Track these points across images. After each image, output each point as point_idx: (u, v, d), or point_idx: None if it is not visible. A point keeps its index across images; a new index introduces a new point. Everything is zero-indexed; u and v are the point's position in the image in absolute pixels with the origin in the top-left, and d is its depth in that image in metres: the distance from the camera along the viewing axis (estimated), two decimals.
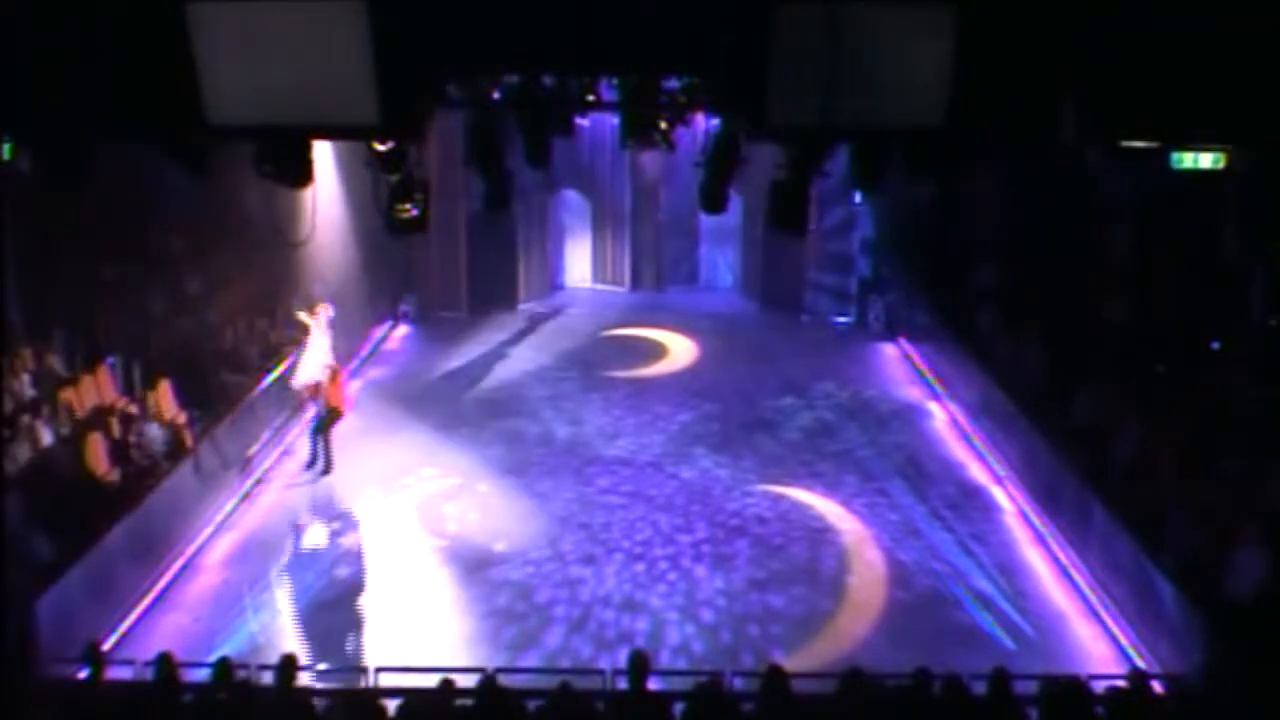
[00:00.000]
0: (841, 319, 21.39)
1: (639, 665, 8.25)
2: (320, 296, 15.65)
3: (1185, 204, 12.82)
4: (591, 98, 11.31)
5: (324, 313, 14.76)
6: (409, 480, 14.36)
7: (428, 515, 13.50)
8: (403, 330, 20.78)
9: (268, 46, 6.44)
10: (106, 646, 10.18)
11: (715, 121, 11.42)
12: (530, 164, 11.68)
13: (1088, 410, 13.23)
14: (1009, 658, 10.05)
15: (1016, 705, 8.22)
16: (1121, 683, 8.71)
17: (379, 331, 20.26)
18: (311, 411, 14.85)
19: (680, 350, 19.96)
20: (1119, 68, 6.69)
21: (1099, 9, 6.60)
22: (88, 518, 11.02)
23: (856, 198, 20.37)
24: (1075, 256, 15.28)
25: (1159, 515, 11.10)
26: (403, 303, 20.88)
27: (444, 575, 12.14)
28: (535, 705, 8.24)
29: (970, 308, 17.05)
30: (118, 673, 9.09)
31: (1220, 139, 7.75)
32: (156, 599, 11.55)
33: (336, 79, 6.48)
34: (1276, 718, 8.54)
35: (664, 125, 11.95)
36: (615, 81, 10.63)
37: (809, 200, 9.74)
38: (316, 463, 14.40)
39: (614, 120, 13.52)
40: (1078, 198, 14.45)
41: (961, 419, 16.38)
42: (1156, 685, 9.06)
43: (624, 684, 8.40)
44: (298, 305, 15.54)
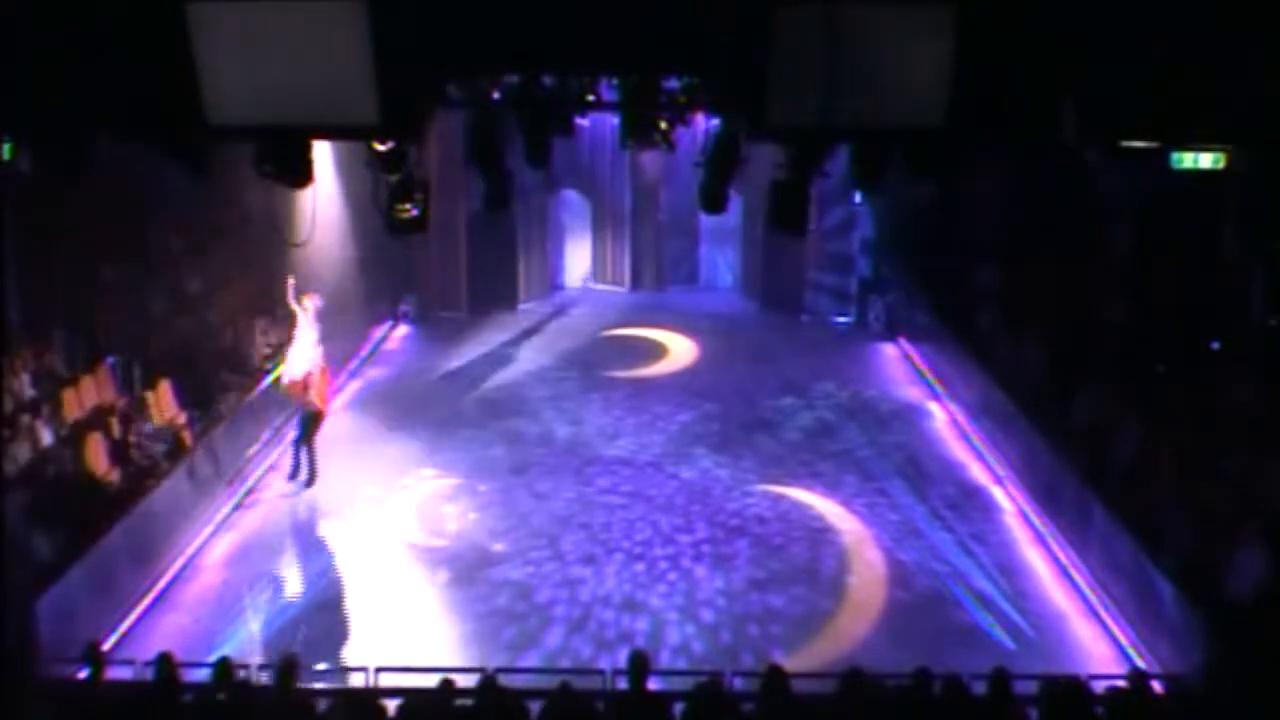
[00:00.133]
0: (841, 319, 21.38)
1: (639, 665, 8.25)
2: (307, 288, 14.72)
3: (1185, 204, 12.79)
4: (591, 98, 11.31)
5: (312, 303, 14.10)
6: (409, 480, 14.36)
7: (428, 515, 13.51)
8: (403, 330, 20.76)
9: (268, 46, 6.44)
10: (106, 646, 10.18)
11: (715, 121, 11.42)
12: (530, 164, 11.68)
13: (1088, 410, 13.23)
14: (1009, 658, 10.05)
15: (1016, 705, 8.22)
16: (1121, 683, 8.72)
17: (379, 331, 20.26)
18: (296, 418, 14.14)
19: (680, 350, 19.95)
20: (1119, 68, 6.69)
21: (1099, 9, 6.60)
22: (88, 518, 11.03)
23: (856, 198, 20.36)
24: (1075, 256, 15.26)
25: (1159, 515, 11.10)
26: (403, 303, 20.84)
27: (444, 575, 12.14)
28: (535, 705, 8.25)
29: (970, 308, 17.04)
30: (118, 673, 9.08)
31: (1220, 139, 7.73)
32: (156, 599, 11.54)
33: (336, 79, 6.48)
34: (1276, 718, 8.55)
35: (664, 125, 11.95)
36: (615, 81, 10.63)
37: (809, 200, 9.74)
38: (300, 473, 13.91)
39: (614, 120, 13.51)
40: (1078, 198, 14.43)
41: (961, 419, 16.38)
42: (1156, 685, 9.06)
43: (624, 684, 8.40)
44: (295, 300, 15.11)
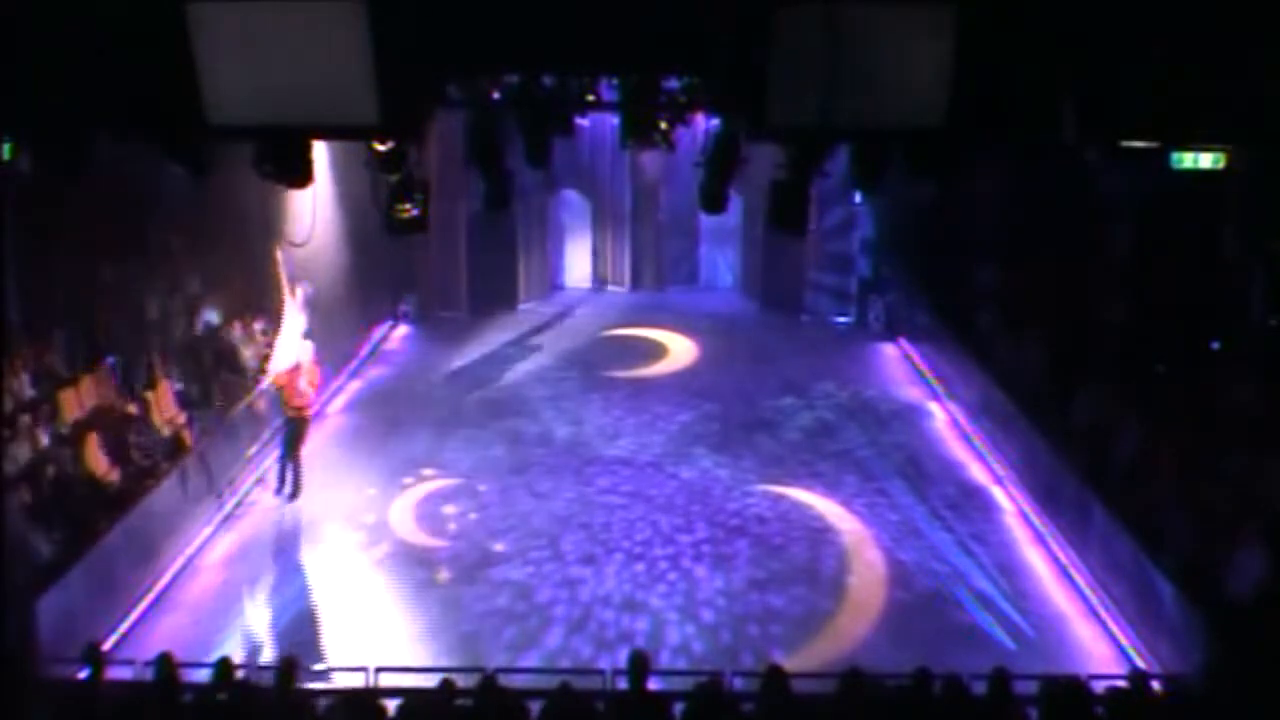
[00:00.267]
0: (841, 319, 21.37)
1: (639, 665, 8.25)
2: (294, 278, 14.22)
3: (1185, 204, 12.79)
4: (591, 98, 11.30)
5: (301, 290, 13.67)
6: (409, 480, 14.37)
7: (428, 515, 13.51)
8: (403, 330, 20.74)
9: (268, 46, 6.45)
10: (106, 646, 10.18)
11: (715, 121, 11.41)
12: (530, 164, 11.66)
13: (1088, 410, 13.23)
14: (1009, 658, 10.04)
15: (1016, 705, 8.23)
16: (1121, 683, 8.73)
17: (379, 331, 20.26)
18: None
19: (680, 350, 19.94)
20: (1119, 68, 6.70)
21: (1099, 9, 6.60)
22: (88, 518, 11.03)
23: (856, 198, 20.34)
24: (1075, 256, 15.26)
25: (1159, 515, 11.10)
26: (403, 303, 20.83)
27: (444, 575, 12.13)
28: (535, 705, 8.25)
29: (970, 308, 17.04)
30: (118, 673, 9.09)
31: (1220, 139, 7.74)
32: (156, 599, 11.54)
33: (336, 79, 6.49)
34: (1276, 718, 8.55)
35: (664, 125, 11.94)
36: (615, 81, 10.63)
37: (809, 200, 9.74)
38: (285, 485, 13.54)
39: (614, 120, 13.49)
40: (1078, 198, 14.42)
41: (961, 419, 16.37)
42: (1156, 685, 9.06)
43: (624, 684, 8.41)
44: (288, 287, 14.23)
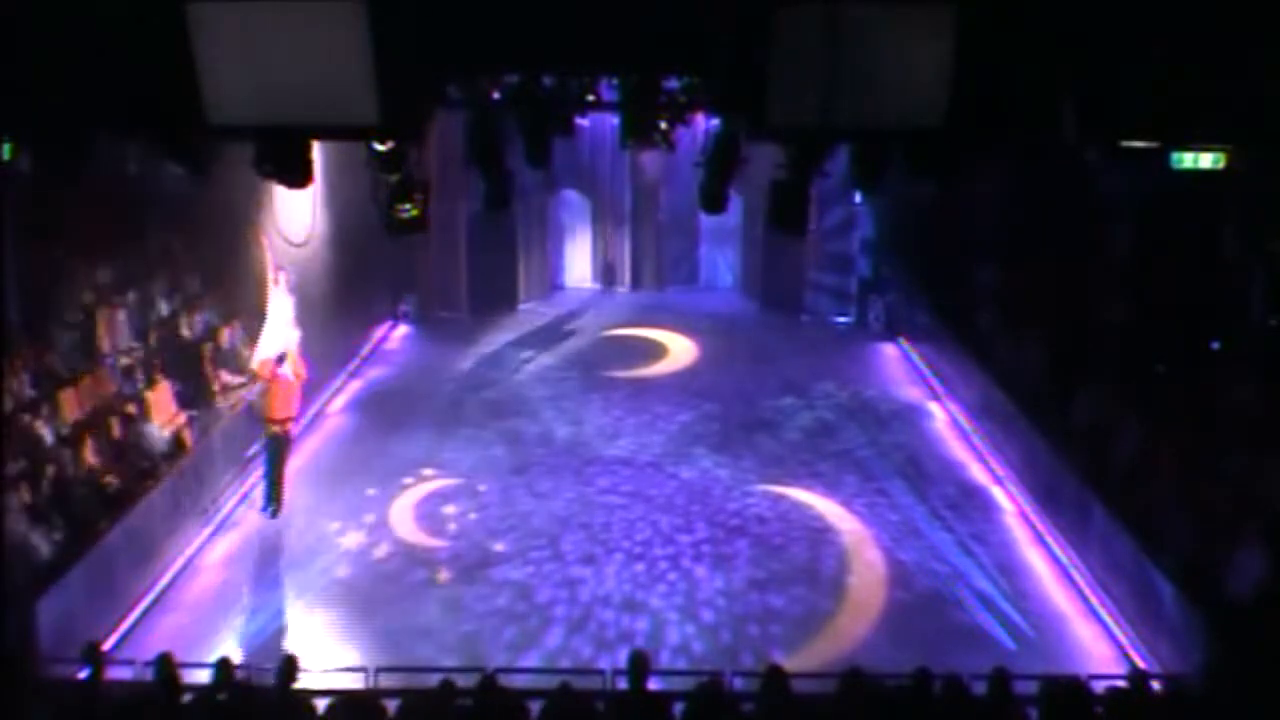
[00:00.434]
0: (841, 319, 21.36)
1: (639, 665, 8.24)
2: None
3: (1185, 204, 12.79)
4: (591, 98, 11.30)
5: (284, 276, 13.24)
6: (409, 480, 14.36)
7: (428, 515, 13.51)
8: (403, 330, 20.75)
9: (268, 46, 6.45)
10: (106, 646, 10.17)
11: (715, 121, 11.41)
12: (530, 164, 11.65)
13: (1088, 410, 13.23)
14: (1009, 658, 10.04)
15: (1016, 705, 8.22)
16: (1121, 683, 8.72)
17: (379, 331, 20.26)
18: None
19: (680, 350, 19.94)
20: (1119, 68, 6.70)
21: (1099, 9, 6.60)
22: (88, 518, 11.03)
23: (856, 198, 20.34)
24: (1075, 256, 15.26)
25: (1159, 515, 11.10)
26: (403, 303, 20.84)
27: (444, 575, 12.13)
28: (535, 705, 8.25)
29: (970, 308, 17.04)
30: (118, 673, 9.09)
31: (1220, 139, 7.74)
32: (156, 599, 11.54)
33: (336, 79, 6.49)
34: (1276, 718, 8.55)
35: (664, 125, 11.94)
36: (615, 81, 10.63)
37: (809, 200, 9.74)
38: (270, 503, 13.07)
39: (614, 120, 13.49)
40: (1078, 198, 14.43)
41: (961, 419, 16.37)
42: (1156, 685, 9.05)
43: (624, 684, 8.40)
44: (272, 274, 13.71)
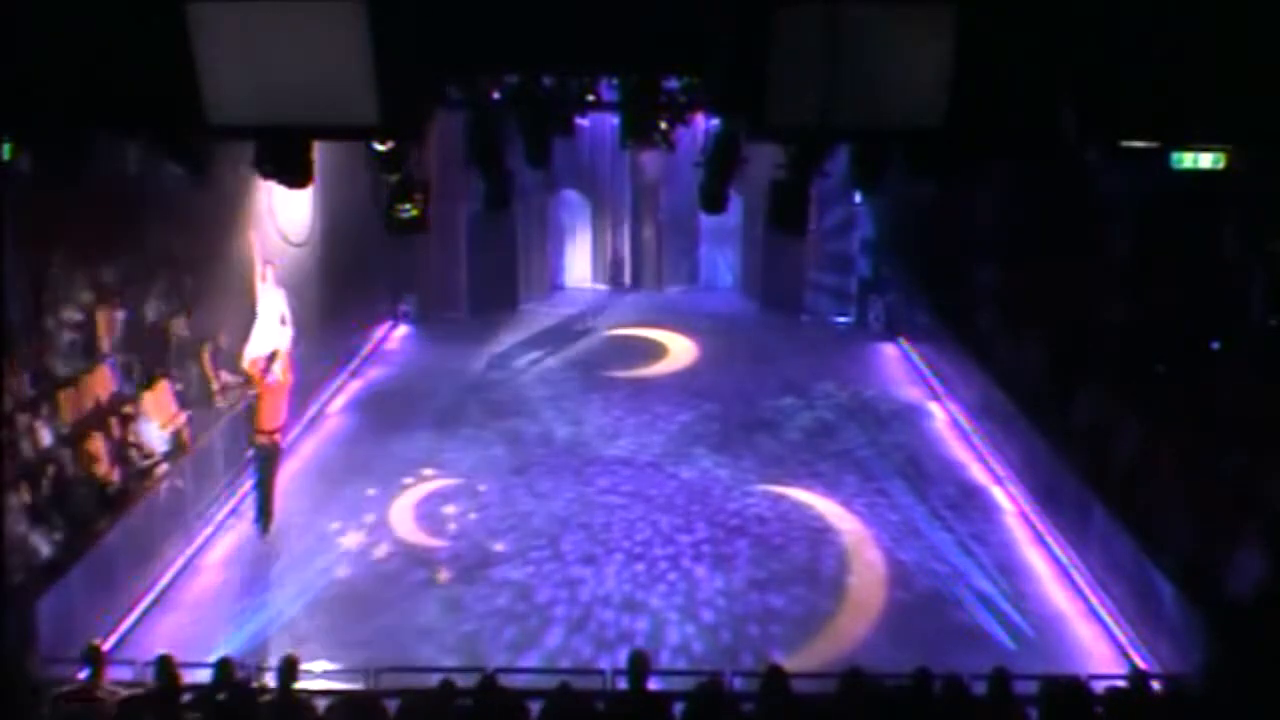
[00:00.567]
0: (841, 319, 21.37)
1: (639, 665, 8.24)
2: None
3: (1185, 204, 12.79)
4: (591, 98, 11.31)
5: (271, 271, 13.16)
6: (409, 480, 14.37)
7: (428, 515, 13.51)
8: (403, 330, 20.76)
9: (268, 46, 6.45)
10: (106, 646, 10.17)
11: (715, 121, 11.41)
12: (530, 164, 11.67)
13: (1088, 410, 13.22)
14: (1009, 658, 10.02)
15: (1016, 705, 8.22)
16: (1121, 683, 8.72)
17: (379, 331, 20.26)
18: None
19: (680, 350, 19.94)
20: (1119, 68, 6.70)
21: (1099, 9, 6.60)
22: (88, 518, 11.03)
23: (856, 198, 20.34)
24: (1075, 256, 15.26)
25: (1159, 515, 11.10)
26: (403, 303, 20.84)
27: (444, 575, 12.13)
28: (535, 705, 8.25)
29: (970, 308, 17.04)
30: (118, 673, 9.08)
31: (1220, 139, 7.75)
32: (156, 599, 11.54)
33: (336, 79, 6.49)
34: (1276, 718, 8.54)
35: (664, 125, 11.95)
36: (615, 81, 10.63)
37: (809, 200, 9.74)
38: (262, 516, 12.86)
39: (614, 120, 13.50)
40: (1078, 198, 14.43)
41: (961, 419, 16.37)
42: (1156, 685, 9.05)
43: (624, 684, 8.40)
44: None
